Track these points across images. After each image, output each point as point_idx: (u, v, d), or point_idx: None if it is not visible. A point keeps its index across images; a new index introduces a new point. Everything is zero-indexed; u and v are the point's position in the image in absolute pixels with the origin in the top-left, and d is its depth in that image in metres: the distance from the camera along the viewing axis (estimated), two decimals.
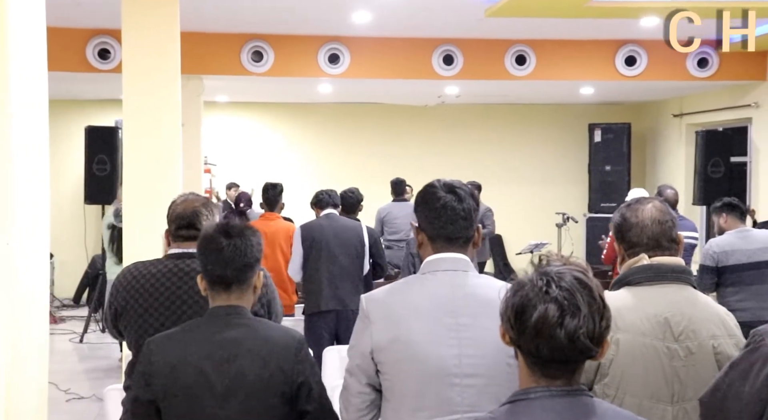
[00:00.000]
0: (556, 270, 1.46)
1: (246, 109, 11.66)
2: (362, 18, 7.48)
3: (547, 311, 1.41)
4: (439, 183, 2.20)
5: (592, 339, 1.42)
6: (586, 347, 1.42)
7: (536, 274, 1.46)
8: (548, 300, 1.41)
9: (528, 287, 1.45)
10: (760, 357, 1.56)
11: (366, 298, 2.17)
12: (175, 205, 2.78)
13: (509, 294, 1.49)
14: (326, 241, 5.48)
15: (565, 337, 1.40)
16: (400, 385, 2.07)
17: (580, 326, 1.40)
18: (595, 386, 2.16)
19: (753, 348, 1.59)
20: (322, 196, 5.77)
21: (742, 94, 9.28)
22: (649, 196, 7.16)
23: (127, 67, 4.86)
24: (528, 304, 1.43)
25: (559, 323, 1.40)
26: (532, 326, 1.42)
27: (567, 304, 1.41)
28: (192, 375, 2.15)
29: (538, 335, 1.41)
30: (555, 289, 1.42)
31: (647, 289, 2.20)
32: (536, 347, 1.42)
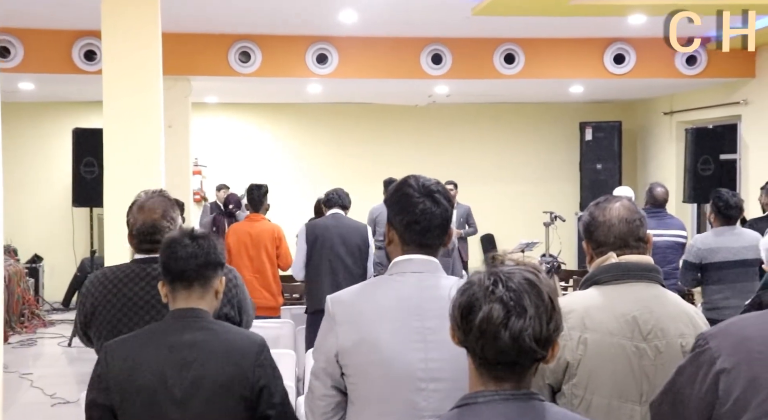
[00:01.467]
0: (506, 270, 1.43)
1: (236, 110, 11.64)
2: (349, 18, 7.46)
3: (491, 311, 1.38)
4: (417, 184, 2.12)
5: (538, 341, 1.39)
6: (531, 349, 1.39)
7: (485, 274, 1.43)
8: (494, 300, 1.39)
9: (475, 287, 1.42)
10: (705, 361, 1.53)
11: (331, 299, 2.13)
12: (134, 214, 2.72)
13: (457, 293, 1.46)
14: (330, 239, 5.56)
15: (510, 338, 1.37)
16: (365, 389, 2.04)
17: (525, 328, 1.38)
18: (564, 386, 2.14)
19: (698, 352, 1.56)
20: (332, 195, 5.88)
21: (731, 91, 9.27)
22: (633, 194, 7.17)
23: (108, 70, 4.82)
24: (474, 303, 1.41)
25: (503, 324, 1.38)
26: (476, 326, 1.39)
27: (513, 304, 1.39)
28: (150, 379, 2.13)
29: (482, 336, 1.39)
30: (502, 289, 1.40)
31: (615, 288, 2.18)
32: (481, 348, 1.40)
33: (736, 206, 5.03)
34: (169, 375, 2.12)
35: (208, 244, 2.26)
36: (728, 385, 1.48)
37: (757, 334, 1.50)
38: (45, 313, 9.75)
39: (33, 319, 9.31)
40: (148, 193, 2.79)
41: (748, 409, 1.44)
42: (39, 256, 10.55)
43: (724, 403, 1.48)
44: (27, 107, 10.71)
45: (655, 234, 5.75)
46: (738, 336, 1.53)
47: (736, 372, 1.48)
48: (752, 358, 1.47)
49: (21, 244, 10.34)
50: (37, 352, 8.31)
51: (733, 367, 1.49)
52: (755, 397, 1.44)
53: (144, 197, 2.76)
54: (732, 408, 1.46)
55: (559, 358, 2.12)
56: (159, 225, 2.65)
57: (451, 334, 1.49)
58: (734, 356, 1.50)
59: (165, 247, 2.27)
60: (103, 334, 2.64)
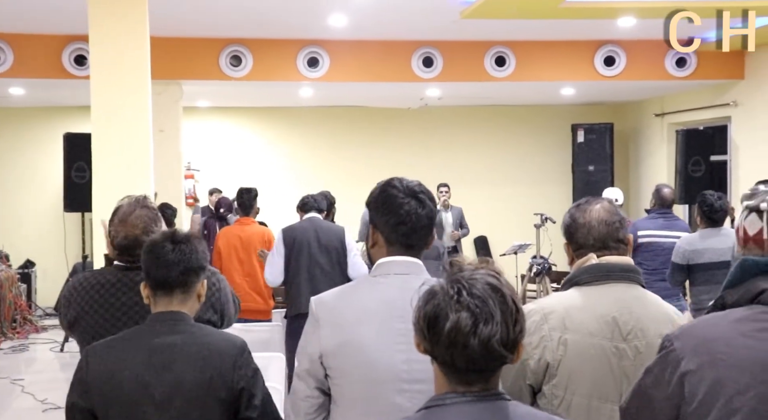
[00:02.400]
0: (468, 276, 1.43)
1: (228, 114, 11.65)
2: (338, 21, 7.48)
3: (459, 320, 1.38)
4: (401, 185, 2.13)
5: (506, 345, 1.40)
6: (500, 355, 1.40)
7: (448, 282, 1.43)
8: (460, 308, 1.39)
9: (440, 296, 1.42)
10: (671, 362, 1.54)
11: (315, 301, 2.14)
12: (115, 226, 2.68)
13: (421, 303, 1.45)
14: (308, 243, 5.46)
15: (479, 346, 1.38)
16: (348, 390, 2.05)
17: (494, 334, 1.38)
18: (544, 387, 2.15)
19: (664, 353, 1.57)
20: (307, 200, 5.78)
21: (721, 93, 9.31)
22: (621, 195, 7.18)
23: (96, 74, 4.83)
24: (440, 313, 1.40)
25: (472, 332, 1.38)
26: (445, 336, 1.39)
27: (479, 311, 1.39)
28: (130, 382, 2.13)
29: (451, 345, 1.39)
30: (466, 297, 1.39)
31: (596, 289, 2.20)
32: (450, 357, 1.40)
33: (721, 209, 5.04)
34: (149, 377, 2.13)
35: (190, 248, 2.25)
36: (693, 387, 1.49)
37: (720, 336, 1.51)
38: (37, 318, 9.74)
39: (25, 324, 9.29)
40: (131, 203, 2.72)
41: (712, 411, 1.45)
42: (31, 261, 10.53)
43: (690, 404, 1.48)
44: (18, 112, 10.71)
45: (663, 235, 5.83)
46: (701, 337, 1.53)
47: (700, 373, 1.49)
48: (716, 359, 1.48)
49: (13, 250, 10.33)
50: (29, 357, 8.29)
51: (697, 368, 1.49)
52: (719, 398, 1.45)
53: (126, 209, 2.70)
54: (697, 409, 1.47)
55: (539, 359, 2.14)
56: (140, 240, 2.58)
57: (416, 343, 1.48)
58: (698, 358, 1.50)
59: (146, 251, 2.27)
60: (87, 340, 2.64)
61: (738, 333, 1.50)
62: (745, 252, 1.59)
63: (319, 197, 5.84)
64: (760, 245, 1.55)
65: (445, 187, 9.61)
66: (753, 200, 1.61)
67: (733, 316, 1.54)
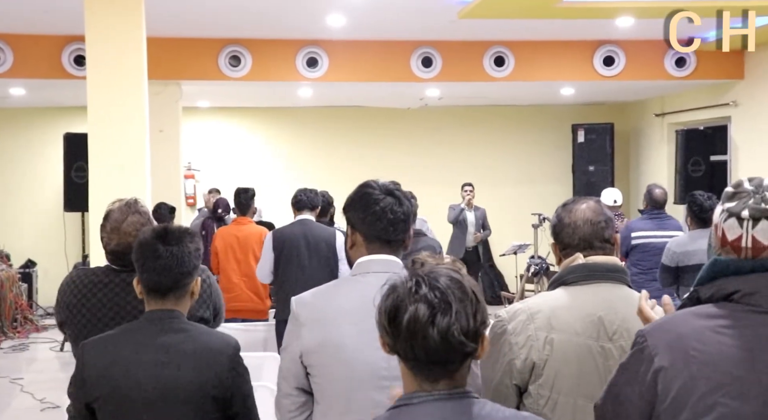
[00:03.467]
0: (428, 270, 1.44)
1: (228, 114, 11.66)
2: (337, 21, 7.49)
3: (417, 311, 1.39)
4: (377, 184, 2.19)
5: (467, 335, 1.40)
6: (460, 343, 1.40)
7: (407, 277, 1.44)
8: (418, 300, 1.40)
9: (399, 290, 1.43)
10: (644, 359, 1.54)
11: (296, 301, 2.17)
12: (107, 232, 2.67)
13: (381, 299, 1.46)
14: (297, 247, 5.40)
15: (438, 335, 1.38)
16: (329, 388, 2.07)
17: (453, 323, 1.39)
18: (530, 387, 2.16)
19: (637, 349, 1.57)
20: (301, 197, 5.61)
21: (721, 93, 9.30)
22: (620, 195, 7.18)
23: (92, 74, 4.84)
24: (399, 306, 1.41)
25: (430, 322, 1.38)
26: (405, 328, 1.40)
27: (437, 301, 1.40)
28: (124, 379, 2.15)
29: (411, 336, 1.39)
30: (425, 289, 1.41)
31: (582, 289, 2.20)
32: (411, 349, 1.41)
33: (711, 209, 5.02)
34: (143, 375, 2.14)
35: (181, 251, 2.24)
36: (666, 384, 1.49)
37: (691, 332, 1.51)
38: (38, 318, 9.76)
39: (26, 323, 9.32)
40: (122, 209, 2.70)
41: (685, 408, 1.46)
42: (32, 261, 10.56)
43: (663, 401, 1.49)
44: (18, 113, 10.74)
45: (655, 235, 5.84)
46: (673, 333, 1.53)
47: (673, 370, 1.49)
48: (688, 356, 1.49)
49: (14, 250, 10.37)
50: (29, 356, 8.32)
51: (670, 365, 1.50)
52: (692, 395, 1.45)
53: (118, 215, 2.68)
54: (670, 406, 1.48)
55: (525, 359, 2.14)
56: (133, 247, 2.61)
57: (381, 342, 1.49)
58: (670, 354, 1.50)
59: (137, 253, 2.27)
60: (78, 338, 2.65)
61: (709, 329, 1.50)
62: (722, 253, 1.59)
63: (312, 193, 5.65)
64: (737, 251, 1.55)
65: (469, 186, 9.59)
66: (734, 203, 1.59)
67: (705, 312, 1.54)
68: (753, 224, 1.52)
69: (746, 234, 1.52)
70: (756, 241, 1.52)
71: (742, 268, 1.52)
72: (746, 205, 1.55)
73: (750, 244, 1.53)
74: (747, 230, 1.52)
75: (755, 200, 1.54)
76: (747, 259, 1.54)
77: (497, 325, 2.23)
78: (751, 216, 1.53)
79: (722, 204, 1.61)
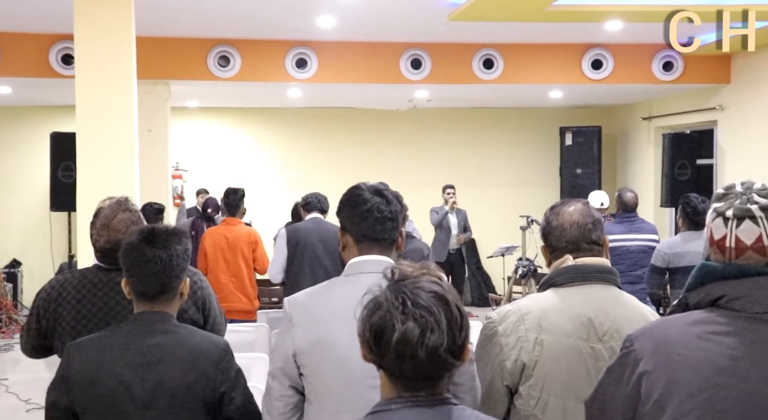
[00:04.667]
0: (412, 285, 1.43)
1: (217, 115, 11.63)
2: (327, 22, 7.49)
3: (406, 332, 1.38)
4: (366, 185, 2.22)
5: (453, 353, 1.41)
6: (447, 363, 1.41)
7: (391, 293, 1.43)
8: (406, 319, 1.39)
9: (385, 308, 1.41)
10: (630, 362, 1.56)
11: (288, 301, 2.17)
12: (97, 229, 2.66)
13: (366, 314, 1.45)
14: (312, 244, 5.49)
15: (427, 356, 1.38)
16: (322, 388, 2.07)
17: (441, 343, 1.39)
18: (521, 387, 2.16)
19: (624, 353, 1.59)
20: (311, 199, 5.79)
21: (707, 97, 9.37)
22: (607, 198, 7.21)
23: (81, 74, 4.82)
24: (386, 326, 1.40)
25: (420, 342, 1.38)
26: (393, 348, 1.39)
27: (425, 321, 1.39)
28: (112, 382, 2.12)
29: (399, 357, 1.39)
30: (412, 308, 1.40)
31: (572, 290, 2.21)
32: (399, 368, 1.41)
33: (705, 212, 5.07)
34: (132, 378, 2.12)
35: (169, 254, 2.21)
36: (649, 387, 1.50)
37: (677, 337, 1.53)
38: (23, 318, 9.69)
39: (11, 324, 9.25)
40: (112, 206, 2.69)
41: (666, 411, 1.47)
42: (17, 260, 10.49)
43: (645, 404, 1.50)
44: (4, 111, 10.67)
45: (628, 239, 5.86)
46: (659, 338, 1.55)
47: (656, 374, 1.50)
48: (671, 360, 1.50)
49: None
50: (14, 357, 8.25)
51: (654, 369, 1.51)
52: (673, 399, 1.47)
53: (108, 212, 2.68)
54: (652, 409, 1.49)
55: (516, 360, 2.15)
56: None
57: (362, 353, 1.48)
58: (655, 358, 1.52)
59: (124, 257, 2.24)
60: (67, 339, 2.62)
61: (694, 335, 1.51)
62: (710, 253, 1.61)
63: (323, 197, 5.84)
64: (722, 251, 1.56)
65: (451, 188, 9.63)
66: (722, 203, 1.61)
67: (691, 318, 1.55)
68: (737, 224, 1.54)
69: (730, 233, 1.54)
70: (739, 240, 1.54)
71: (728, 272, 1.54)
72: (732, 205, 1.57)
73: (734, 243, 1.54)
74: (731, 230, 1.53)
75: (741, 201, 1.56)
76: (731, 259, 1.55)
77: (488, 326, 2.24)
78: (735, 215, 1.54)
79: (712, 204, 1.64)
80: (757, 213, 1.53)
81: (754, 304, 1.49)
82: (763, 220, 1.52)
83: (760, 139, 8.47)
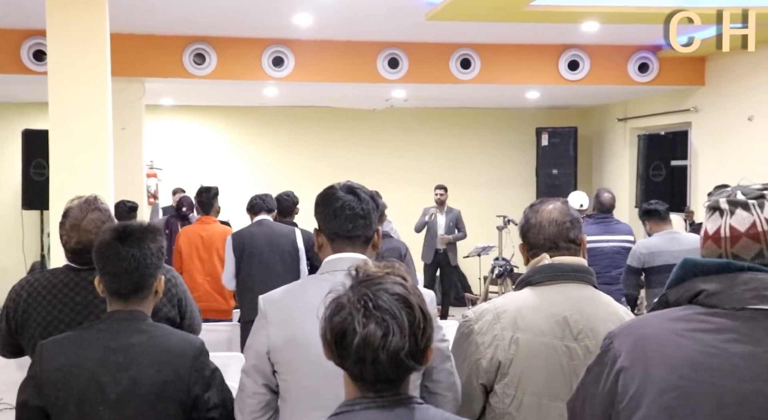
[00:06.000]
0: (375, 287, 1.41)
1: (192, 113, 11.54)
2: (304, 21, 7.45)
3: (367, 335, 1.37)
4: (339, 185, 2.22)
5: (414, 357, 1.40)
6: (409, 367, 1.40)
7: (354, 294, 1.41)
8: (368, 323, 1.38)
9: (346, 310, 1.40)
10: (609, 360, 1.56)
11: (263, 299, 2.16)
12: (67, 230, 2.62)
13: (327, 314, 1.44)
14: (258, 248, 5.45)
15: (388, 359, 1.37)
16: (296, 385, 2.07)
17: (402, 347, 1.38)
18: (496, 386, 2.16)
19: (604, 351, 1.60)
20: (256, 201, 5.75)
21: (682, 98, 9.46)
22: (587, 199, 7.26)
23: (53, 70, 4.75)
24: (347, 328, 1.39)
25: (381, 346, 1.37)
26: (354, 351, 1.38)
27: (386, 325, 1.38)
28: (84, 381, 2.09)
29: (360, 360, 1.38)
30: (374, 311, 1.38)
31: (548, 289, 2.21)
32: (360, 371, 1.40)
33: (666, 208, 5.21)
34: (104, 377, 2.09)
35: (142, 252, 2.17)
36: (625, 383, 1.51)
37: (654, 334, 1.53)
38: None
39: None
40: (81, 206, 2.64)
41: (641, 406, 1.48)
42: None
43: (622, 401, 1.51)
44: None
45: (603, 239, 5.89)
46: (637, 335, 1.56)
47: (632, 370, 1.51)
48: (647, 357, 1.50)
49: None
50: None
51: (630, 365, 1.52)
52: (647, 395, 1.47)
53: (78, 212, 2.63)
54: (628, 405, 1.50)
55: (491, 358, 2.15)
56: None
57: (325, 353, 1.47)
58: (632, 355, 1.52)
59: (97, 255, 2.20)
60: (38, 339, 2.57)
61: (672, 332, 1.52)
62: (704, 250, 1.60)
63: (267, 197, 5.78)
64: (717, 243, 1.57)
65: (440, 189, 9.59)
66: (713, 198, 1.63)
67: (670, 315, 1.56)
68: (731, 214, 1.56)
69: (724, 224, 1.56)
70: (733, 228, 1.55)
71: (709, 268, 1.54)
72: (722, 197, 1.59)
73: (728, 232, 1.55)
74: (725, 220, 1.55)
75: (732, 194, 1.59)
76: (727, 249, 1.56)
77: (464, 325, 2.24)
78: (728, 203, 1.57)
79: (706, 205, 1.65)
80: (750, 201, 1.55)
81: (732, 300, 1.50)
82: (756, 207, 1.54)
83: (734, 141, 8.57)
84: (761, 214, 1.53)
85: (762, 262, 1.53)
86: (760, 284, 1.49)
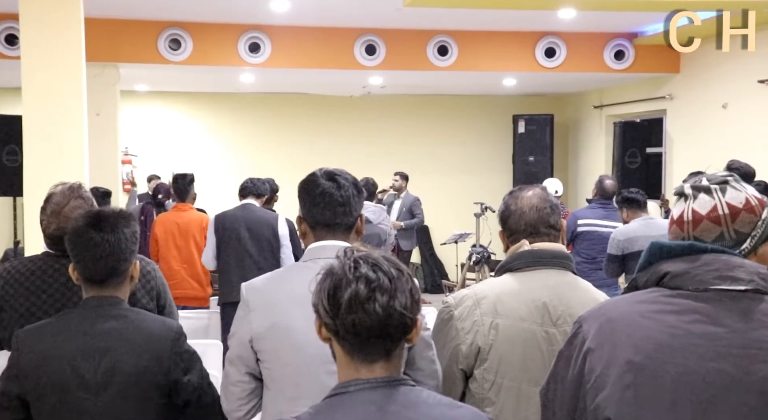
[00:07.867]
0: (364, 253, 1.46)
1: (167, 99, 11.44)
2: (281, 6, 7.40)
3: (358, 285, 1.40)
4: (320, 172, 2.20)
5: (406, 307, 1.42)
6: (401, 315, 1.41)
7: (344, 259, 1.45)
8: (359, 277, 1.41)
9: (338, 270, 1.44)
10: (578, 343, 1.60)
11: (246, 286, 2.16)
12: (47, 216, 2.60)
13: (320, 282, 1.46)
14: (237, 231, 5.49)
15: (380, 308, 1.40)
16: (279, 373, 2.07)
17: (393, 295, 1.41)
18: (476, 371, 2.18)
19: (573, 335, 1.63)
20: (246, 184, 5.81)
21: (657, 86, 9.52)
22: (561, 186, 7.31)
23: (26, 55, 4.68)
24: (339, 285, 1.42)
25: (371, 296, 1.40)
26: (346, 302, 1.40)
27: (377, 277, 1.41)
28: (62, 368, 2.08)
29: (353, 311, 1.40)
30: (364, 266, 1.42)
31: (527, 275, 2.23)
32: (352, 323, 1.40)
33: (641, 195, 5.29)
34: (83, 363, 2.08)
35: (116, 237, 2.16)
36: (592, 364, 1.55)
37: (620, 316, 1.57)
38: None
39: None
40: (64, 193, 2.63)
41: (605, 387, 1.51)
42: None
43: (588, 381, 1.54)
44: None
45: (602, 224, 5.96)
46: (604, 318, 1.59)
47: (599, 352, 1.54)
48: (613, 338, 1.54)
49: None
50: None
51: (596, 347, 1.55)
52: (612, 375, 1.51)
53: (60, 199, 2.61)
54: (593, 385, 1.53)
55: (471, 344, 2.16)
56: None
57: (317, 328, 1.48)
58: (599, 337, 1.56)
59: (70, 241, 2.19)
60: (15, 327, 2.55)
61: (637, 314, 1.55)
62: (669, 236, 1.65)
63: (259, 182, 5.84)
64: (681, 226, 1.63)
65: (396, 175, 9.60)
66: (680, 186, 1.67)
67: (636, 297, 1.60)
68: (694, 199, 1.61)
69: (687, 208, 1.60)
70: (695, 212, 1.60)
71: (674, 250, 1.58)
72: (687, 183, 1.65)
73: (690, 216, 1.60)
74: (689, 205, 1.60)
75: (696, 181, 1.64)
76: (689, 232, 1.60)
77: (444, 311, 2.25)
78: (692, 188, 1.62)
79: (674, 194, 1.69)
80: (713, 186, 1.60)
81: (695, 281, 1.54)
82: (718, 192, 1.59)
83: (708, 128, 8.65)
84: (722, 198, 1.58)
85: (723, 244, 1.58)
86: (722, 265, 1.54)
